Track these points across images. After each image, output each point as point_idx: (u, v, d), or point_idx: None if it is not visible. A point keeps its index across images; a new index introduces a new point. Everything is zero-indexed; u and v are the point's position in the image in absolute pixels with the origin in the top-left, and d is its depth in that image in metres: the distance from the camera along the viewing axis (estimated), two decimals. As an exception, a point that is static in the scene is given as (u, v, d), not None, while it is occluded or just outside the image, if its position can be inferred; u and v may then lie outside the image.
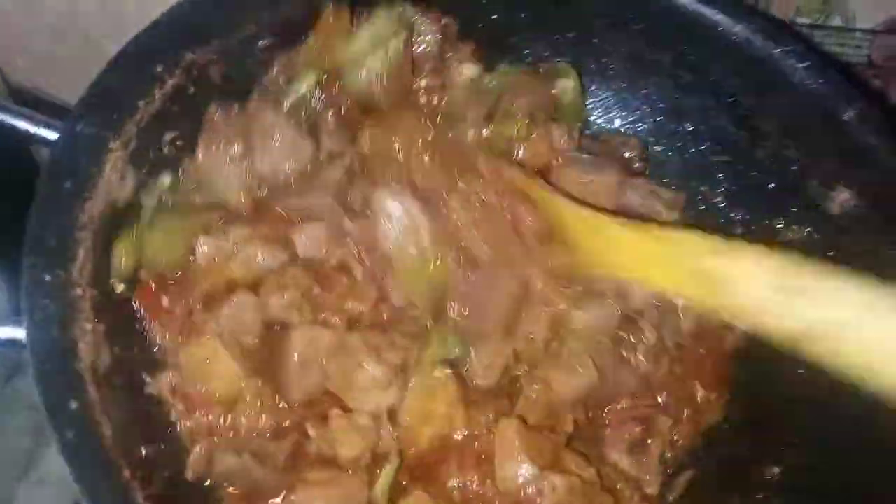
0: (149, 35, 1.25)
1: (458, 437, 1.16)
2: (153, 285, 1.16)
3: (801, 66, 1.42)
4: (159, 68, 1.25)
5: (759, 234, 1.53)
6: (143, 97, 1.23)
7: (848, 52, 2.04)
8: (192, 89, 1.32)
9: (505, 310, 1.19)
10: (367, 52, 1.36)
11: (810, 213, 1.47)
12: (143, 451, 1.03)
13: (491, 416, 1.18)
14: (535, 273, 1.21)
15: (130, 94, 1.21)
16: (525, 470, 1.12)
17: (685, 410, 1.33)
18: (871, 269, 1.30)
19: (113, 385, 1.04)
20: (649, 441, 1.28)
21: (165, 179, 1.30)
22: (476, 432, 1.17)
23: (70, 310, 1.00)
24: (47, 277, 0.99)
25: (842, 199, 1.40)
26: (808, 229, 1.48)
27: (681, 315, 1.36)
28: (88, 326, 1.03)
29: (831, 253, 1.42)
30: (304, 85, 1.37)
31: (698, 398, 1.35)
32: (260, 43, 1.41)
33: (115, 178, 1.18)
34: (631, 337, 1.30)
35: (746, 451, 1.33)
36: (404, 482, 1.16)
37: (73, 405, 0.91)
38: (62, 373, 0.94)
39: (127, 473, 0.93)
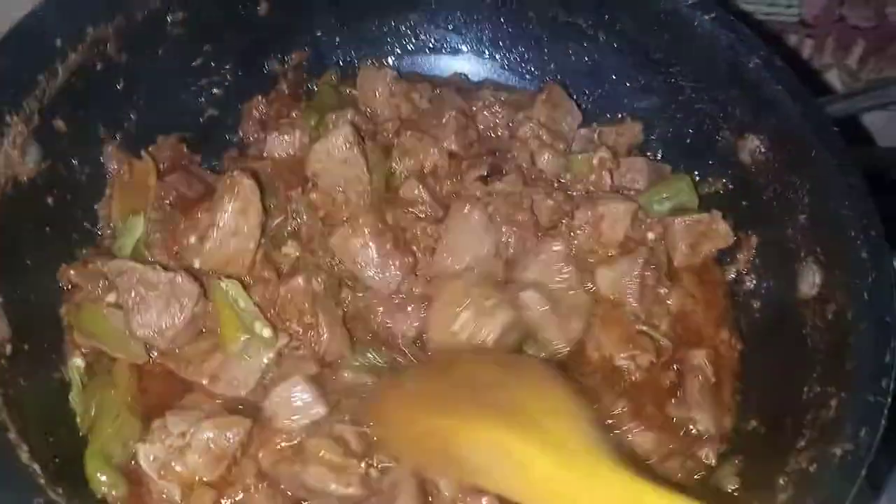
0: (47, 8, 1.24)
1: None
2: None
3: (706, 17, 1.42)
4: (59, 42, 1.24)
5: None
6: (43, 72, 1.22)
7: (779, 11, 2.04)
8: (98, 66, 1.31)
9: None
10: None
11: (724, 165, 1.47)
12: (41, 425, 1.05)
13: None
14: None
15: (29, 68, 1.22)
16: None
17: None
18: (780, 216, 1.34)
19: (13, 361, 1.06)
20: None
21: (78, 362, 1.22)
22: None
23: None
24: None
25: (751, 147, 1.40)
26: (723, 180, 1.48)
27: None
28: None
29: (745, 202, 1.44)
30: (138, 230, 1.32)
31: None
32: (170, 18, 1.40)
33: (15, 155, 1.18)
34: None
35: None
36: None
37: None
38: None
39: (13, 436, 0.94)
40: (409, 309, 1.34)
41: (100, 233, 1.37)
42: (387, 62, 1.70)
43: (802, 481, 1.01)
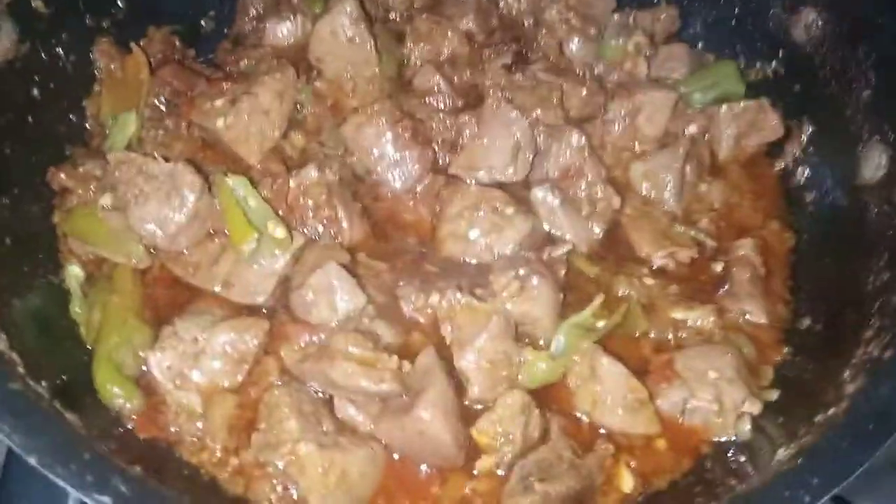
0: None
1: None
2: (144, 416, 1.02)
3: None
4: None
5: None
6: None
7: None
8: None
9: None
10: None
11: (774, 46, 1.34)
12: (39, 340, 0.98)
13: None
14: None
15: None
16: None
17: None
18: (840, 96, 1.22)
19: None
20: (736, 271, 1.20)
21: (76, 270, 1.12)
22: None
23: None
24: None
25: (806, 21, 1.27)
26: (773, 64, 1.36)
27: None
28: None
29: (798, 86, 1.32)
30: (130, 128, 1.21)
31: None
32: None
33: (-11, 28, 1.07)
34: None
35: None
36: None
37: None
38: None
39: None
40: (416, 214, 1.25)
41: (88, 127, 1.26)
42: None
43: (876, 369, 0.91)
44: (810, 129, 1.30)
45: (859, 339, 0.99)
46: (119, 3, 1.31)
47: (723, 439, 1.06)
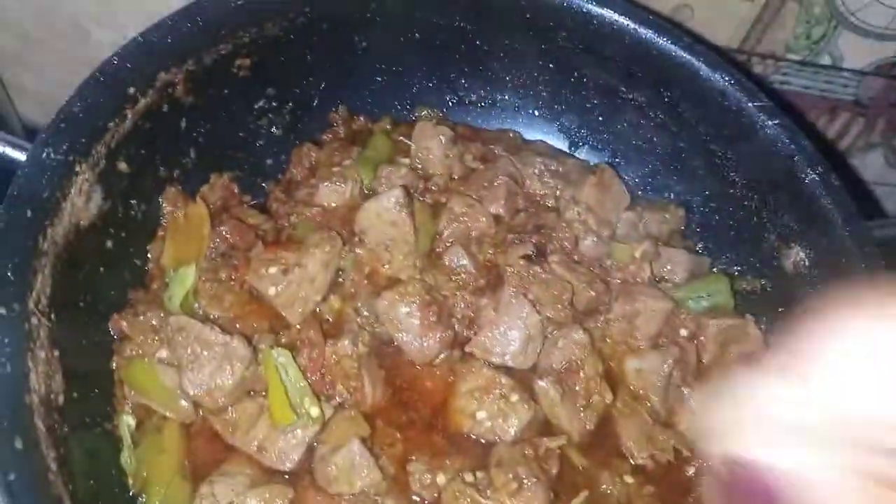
0: (122, 56, 1.27)
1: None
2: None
3: (771, 122, 1.42)
4: (131, 90, 1.29)
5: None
6: (114, 118, 1.25)
7: (835, 90, 2.03)
8: (164, 108, 1.32)
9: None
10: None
11: (766, 266, 1.50)
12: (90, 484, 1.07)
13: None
14: None
15: (100, 116, 1.26)
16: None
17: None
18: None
19: (65, 412, 1.08)
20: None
21: (129, 420, 1.24)
22: None
23: (24, 341, 1.01)
24: (2, 311, 1.00)
25: (795, 258, 1.43)
26: (762, 282, 1.51)
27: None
28: (42, 355, 1.04)
29: (781, 309, 1.47)
30: (188, 281, 1.34)
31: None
32: (237, 62, 1.41)
33: (80, 202, 1.21)
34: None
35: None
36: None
37: (19, 444, 0.94)
38: (10, 409, 0.96)
39: (68, 506, 0.98)
40: (433, 382, 1.39)
41: (148, 269, 1.40)
42: (442, 111, 1.70)
43: None
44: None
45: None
46: (190, 153, 1.46)
47: None
